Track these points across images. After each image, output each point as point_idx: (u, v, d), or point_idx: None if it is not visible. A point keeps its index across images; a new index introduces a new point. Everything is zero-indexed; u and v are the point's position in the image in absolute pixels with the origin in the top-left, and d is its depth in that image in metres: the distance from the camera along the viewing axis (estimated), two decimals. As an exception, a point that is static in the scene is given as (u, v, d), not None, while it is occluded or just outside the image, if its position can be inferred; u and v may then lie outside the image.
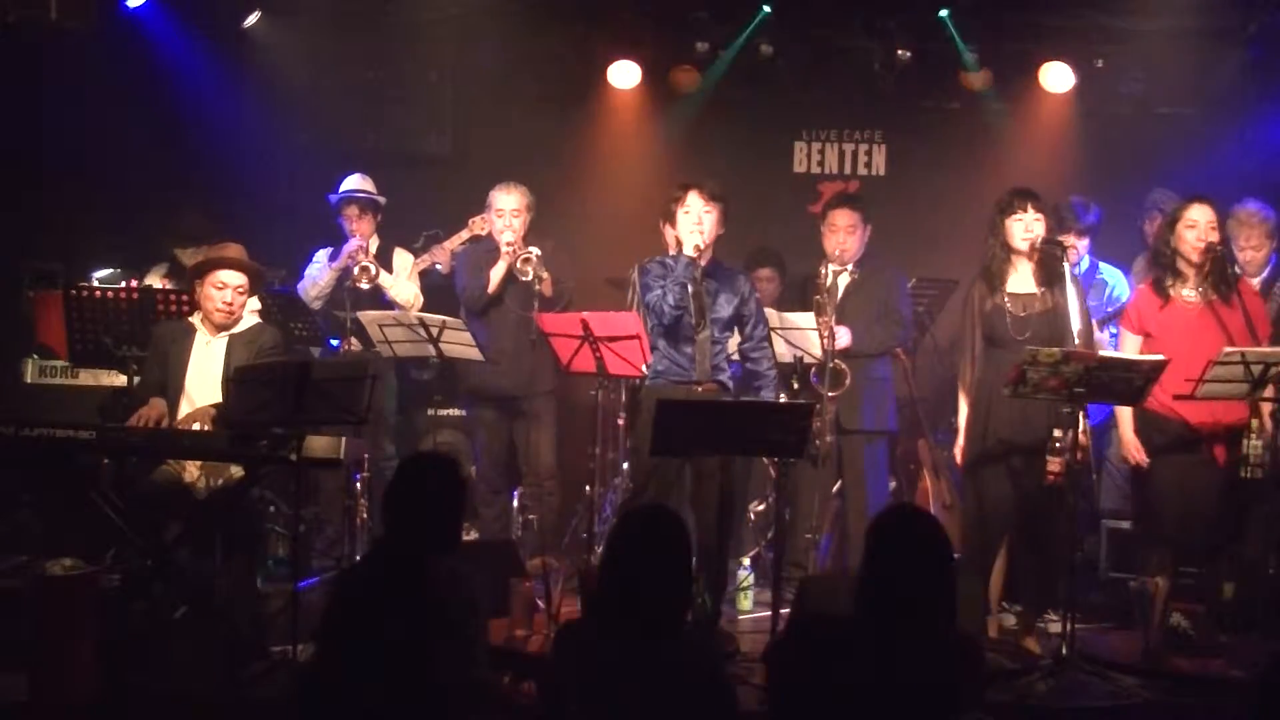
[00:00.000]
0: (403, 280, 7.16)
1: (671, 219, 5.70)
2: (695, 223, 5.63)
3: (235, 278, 5.74)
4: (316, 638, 3.90)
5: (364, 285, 6.94)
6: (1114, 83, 7.94)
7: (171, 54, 7.76)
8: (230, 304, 5.73)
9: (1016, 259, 5.62)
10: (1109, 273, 6.96)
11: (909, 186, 8.30)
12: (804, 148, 8.59)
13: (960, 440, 5.76)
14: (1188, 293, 5.60)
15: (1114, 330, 6.65)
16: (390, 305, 7.01)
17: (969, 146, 8.14)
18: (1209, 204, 5.62)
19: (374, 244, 7.18)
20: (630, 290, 6.11)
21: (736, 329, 5.88)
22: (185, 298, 6.15)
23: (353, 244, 7.02)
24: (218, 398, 5.64)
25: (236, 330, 5.81)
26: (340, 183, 7.25)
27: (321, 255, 7.19)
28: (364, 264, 6.96)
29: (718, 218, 5.69)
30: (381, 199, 7.25)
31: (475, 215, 7.12)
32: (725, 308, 5.73)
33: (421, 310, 6.88)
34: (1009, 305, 5.59)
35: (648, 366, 5.79)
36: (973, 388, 5.67)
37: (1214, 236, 5.56)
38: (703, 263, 5.66)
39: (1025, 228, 5.58)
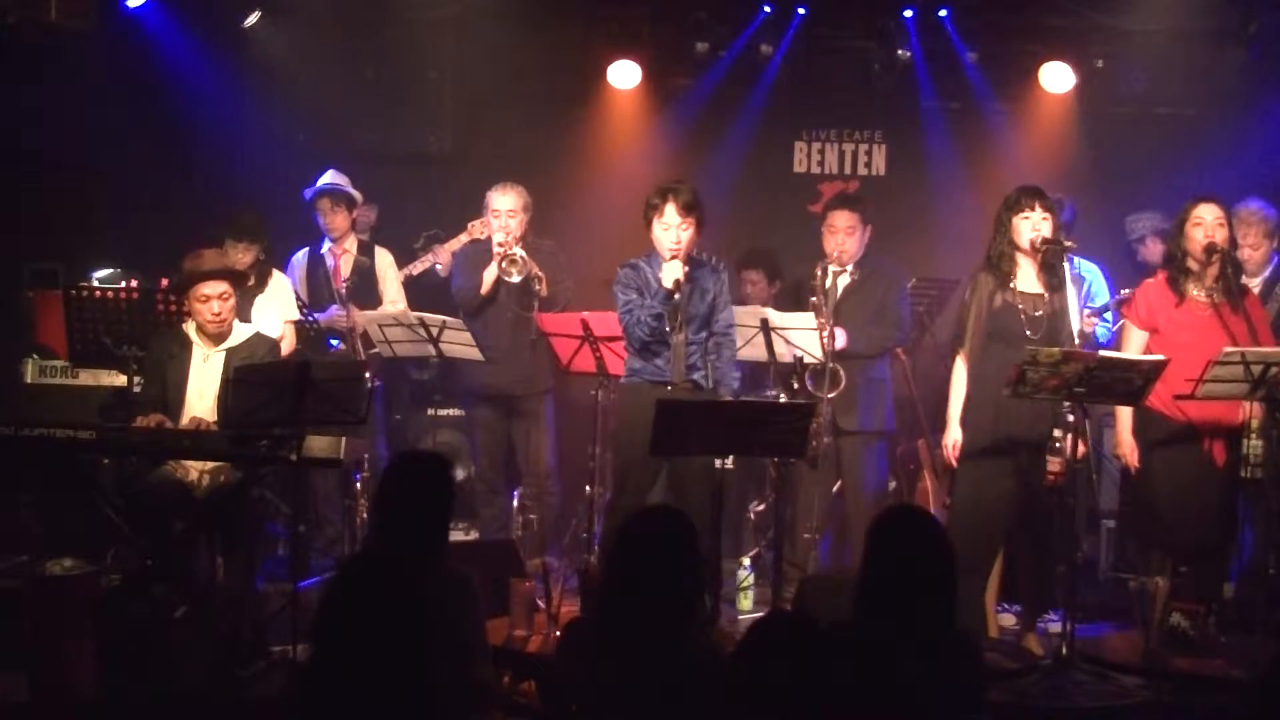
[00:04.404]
0: (394, 295, 7.18)
1: (649, 225, 5.68)
2: (674, 242, 5.56)
3: (216, 287, 5.67)
4: (312, 638, 3.90)
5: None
6: (1114, 83, 7.94)
7: (171, 54, 7.75)
8: (218, 314, 5.68)
9: (1022, 258, 5.61)
10: (1086, 268, 6.93)
11: (909, 186, 8.30)
12: (804, 148, 8.59)
13: (953, 432, 5.63)
14: (1200, 293, 5.61)
15: (1105, 319, 6.67)
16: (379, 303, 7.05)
17: (969, 146, 8.14)
18: (1215, 202, 5.62)
19: (352, 241, 7.20)
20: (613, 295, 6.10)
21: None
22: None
23: (334, 314, 7.02)
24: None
25: (233, 344, 5.78)
26: (316, 180, 7.27)
27: (299, 258, 7.20)
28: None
29: (694, 231, 5.63)
30: (357, 194, 7.25)
31: (474, 216, 7.12)
32: (700, 305, 5.69)
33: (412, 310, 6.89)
34: (1021, 304, 5.56)
35: (624, 364, 5.79)
36: (973, 382, 5.63)
37: (1220, 234, 5.56)
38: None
39: (1032, 226, 5.56)
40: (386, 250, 7.35)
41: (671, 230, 5.58)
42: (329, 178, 7.24)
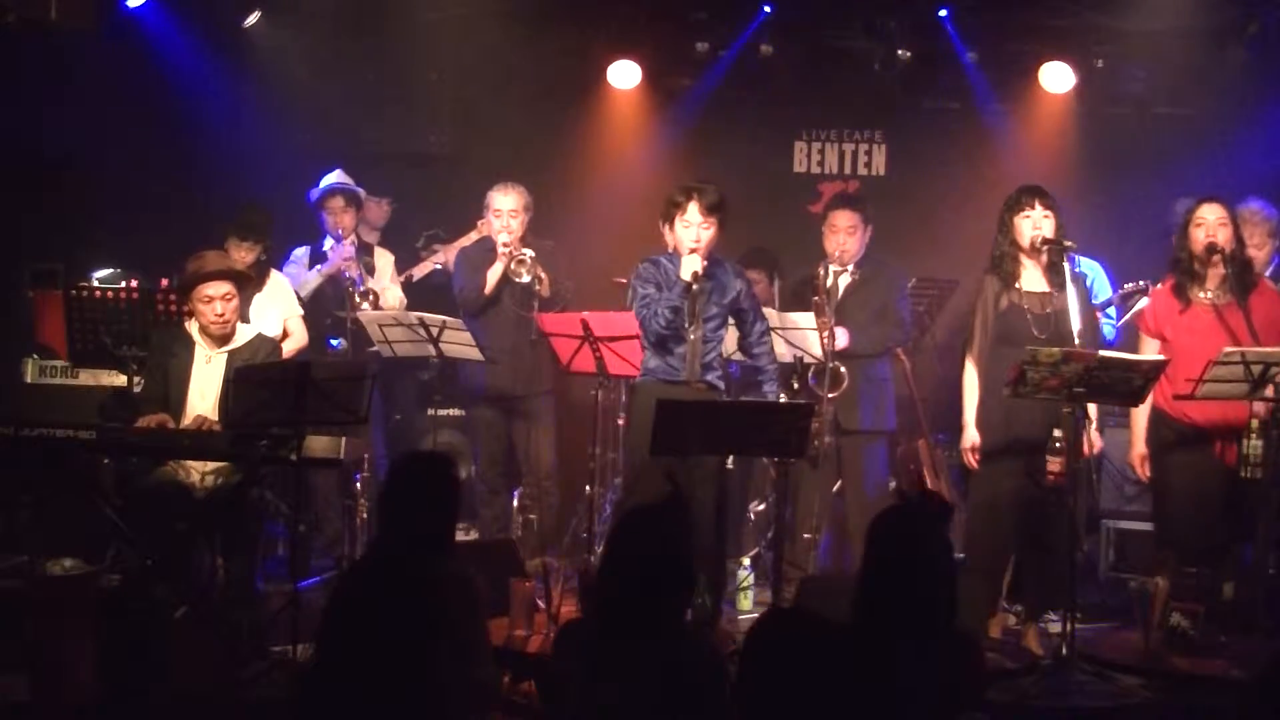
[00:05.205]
0: (388, 282, 7.18)
1: (670, 223, 5.68)
2: (694, 240, 5.56)
3: (220, 287, 5.67)
4: (316, 638, 3.90)
5: (365, 307, 6.93)
6: (1114, 83, 7.94)
7: (171, 54, 7.75)
8: (221, 314, 5.67)
9: (1025, 257, 5.62)
10: (1087, 265, 6.93)
11: (909, 186, 8.30)
12: (804, 148, 8.60)
13: (970, 435, 5.65)
14: (1205, 294, 5.62)
15: (1109, 315, 6.68)
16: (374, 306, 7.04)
17: (969, 146, 8.14)
18: (1218, 202, 5.64)
19: (353, 240, 7.20)
20: (629, 290, 6.11)
21: (735, 324, 5.86)
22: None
23: (346, 252, 7.02)
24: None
25: (235, 345, 5.78)
26: (320, 180, 7.26)
27: (300, 253, 7.21)
28: (363, 289, 6.95)
29: (715, 231, 5.64)
30: (363, 192, 7.26)
31: (475, 216, 7.13)
32: (720, 304, 5.71)
33: (412, 309, 6.88)
34: (1027, 304, 5.57)
35: (641, 363, 5.79)
36: (984, 385, 5.63)
37: (1223, 234, 5.57)
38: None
39: (1034, 224, 5.57)
40: (388, 252, 7.37)
41: (692, 229, 5.59)
42: (338, 177, 7.24)
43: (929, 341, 7.38)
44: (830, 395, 6.14)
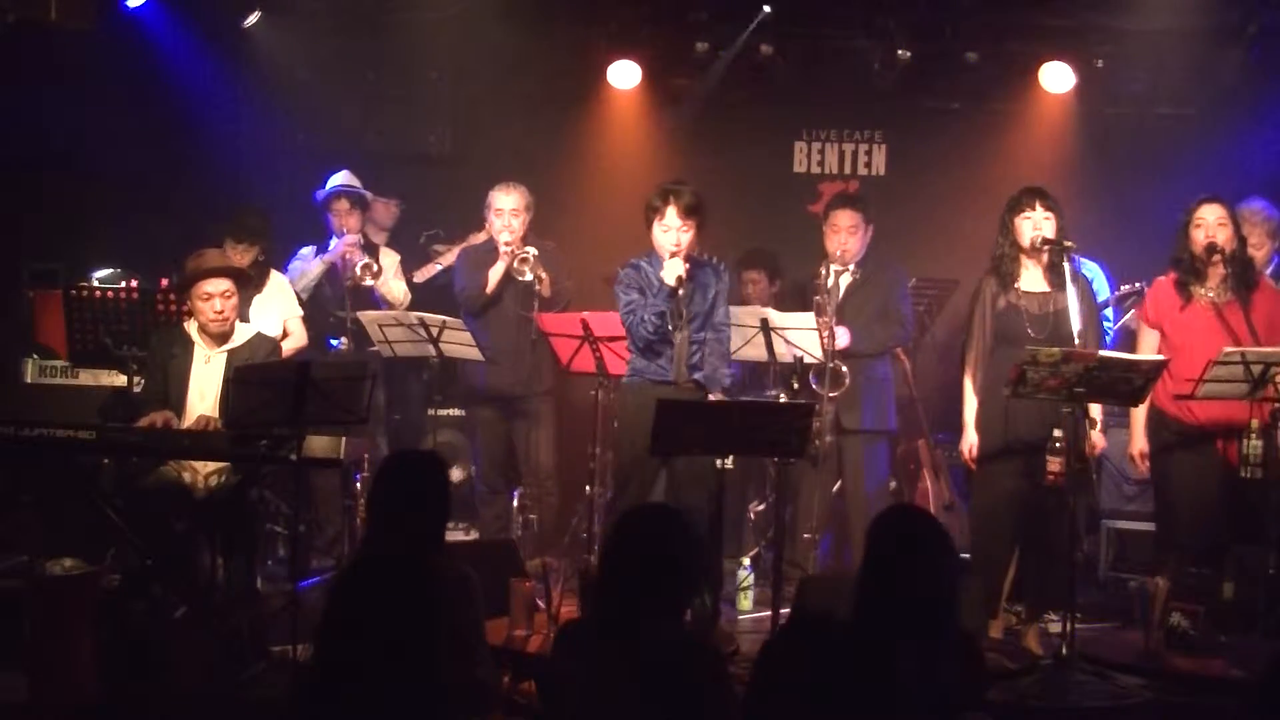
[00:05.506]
0: (392, 278, 7.19)
1: (649, 226, 5.68)
2: (674, 244, 5.55)
3: (220, 284, 5.68)
4: (315, 637, 3.90)
5: (367, 282, 6.96)
6: (1114, 83, 7.93)
7: (171, 54, 7.76)
8: (221, 311, 5.68)
9: (1026, 258, 5.63)
10: (1087, 267, 6.92)
11: (909, 186, 8.30)
12: (804, 148, 8.59)
13: (969, 437, 5.71)
14: (1206, 293, 5.62)
15: (1106, 315, 6.68)
16: (378, 304, 7.03)
17: (969, 146, 8.14)
18: (1217, 202, 5.65)
19: (356, 236, 7.22)
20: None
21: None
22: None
23: (350, 239, 7.05)
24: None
25: (234, 345, 5.78)
26: (326, 180, 7.27)
27: (306, 252, 7.23)
28: (365, 261, 7.01)
29: (695, 233, 5.62)
30: (369, 195, 7.27)
31: (475, 216, 7.13)
32: (702, 303, 5.69)
33: (414, 309, 6.89)
34: (1024, 304, 5.59)
35: (627, 364, 5.79)
36: (983, 386, 5.65)
37: (1221, 235, 5.58)
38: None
39: (1034, 225, 5.58)
40: (394, 252, 7.37)
41: (671, 232, 5.58)
42: (344, 178, 7.25)
43: (929, 341, 7.39)
44: (831, 395, 6.13)
